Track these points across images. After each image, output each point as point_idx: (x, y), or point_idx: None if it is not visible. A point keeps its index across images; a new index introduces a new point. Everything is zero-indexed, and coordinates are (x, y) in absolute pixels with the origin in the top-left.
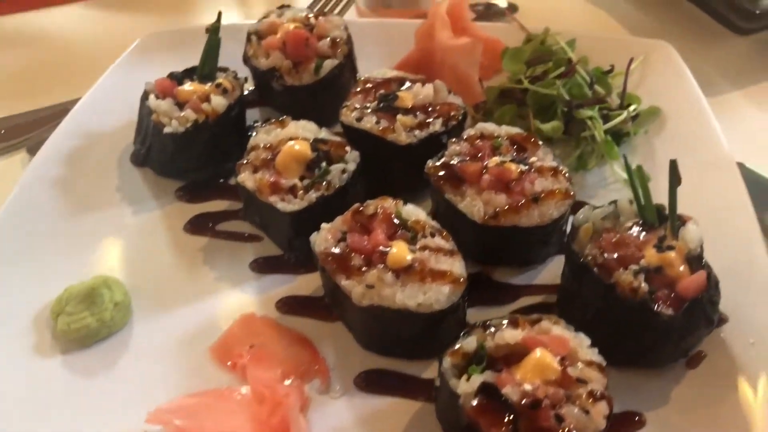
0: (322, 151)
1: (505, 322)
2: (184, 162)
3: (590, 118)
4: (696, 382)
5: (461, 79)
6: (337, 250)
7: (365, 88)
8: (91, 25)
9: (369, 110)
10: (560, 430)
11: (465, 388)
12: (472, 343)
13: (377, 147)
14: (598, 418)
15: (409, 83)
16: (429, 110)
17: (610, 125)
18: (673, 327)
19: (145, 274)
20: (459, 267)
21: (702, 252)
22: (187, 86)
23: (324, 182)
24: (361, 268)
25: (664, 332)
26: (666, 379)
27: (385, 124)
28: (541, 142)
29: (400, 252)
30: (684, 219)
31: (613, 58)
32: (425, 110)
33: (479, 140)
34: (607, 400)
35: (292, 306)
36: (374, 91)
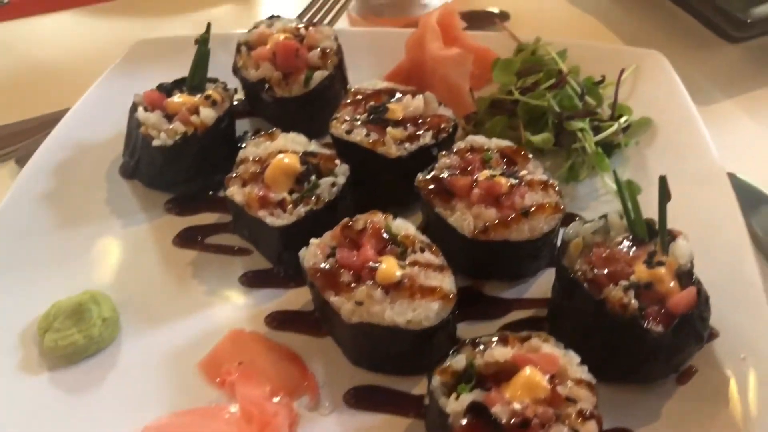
0: (311, 165)
1: (494, 339)
2: (173, 174)
3: (581, 129)
4: (687, 398)
5: (452, 89)
6: (326, 266)
7: (355, 100)
8: (80, 33)
9: (359, 122)
10: None
11: (454, 407)
12: (461, 361)
13: (367, 159)
14: None
15: (399, 95)
16: (419, 122)
17: (600, 137)
18: (662, 344)
19: (134, 289)
20: (449, 283)
21: (692, 267)
22: (176, 98)
23: (313, 196)
24: (351, 285)
25: (653, 349)
26: (656, 395)
27: (375, 136)
28: (531, 155)
29: (390, 268)
30: (674, 234)
31: (605, 67)
32: (415, 122)
33: (469, 153)
34: (596, 419)
35: (282, 321)
36: (364, 103)
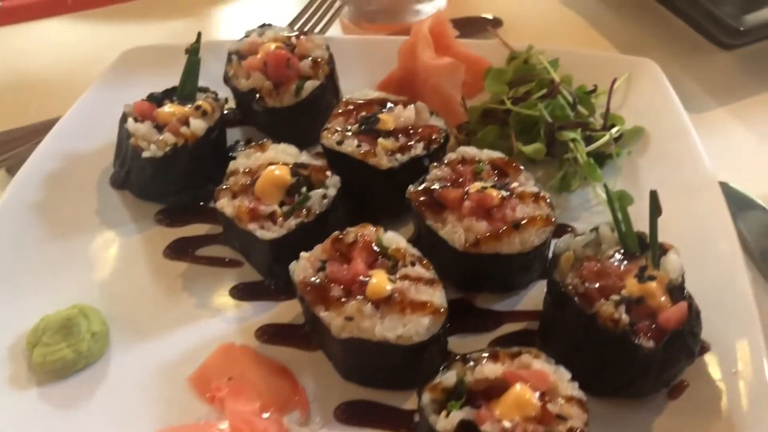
0: (302, 176)
1: (485, 355)
2: (163, 185)
3: (573, 140)
4: (678, 413)
5: (444, 99)
6: (316, 280)
7: (347, 110)
8: (70, 41)
9: (350, 133)
10: None
11: (444, 424)
12: (451, 378)
13: (358, 171)
14: None
15: (390, 105)
16: (410, 133)
17: (592, 147)
18: (653, 359)
19: (124, 302)
20: (439, 297)
21: (683, 282)
22: (167, 108)
23: (304, 209)
24: (341, 299)
25: (644, 364)
26: (648, 410)
27: (366, 147)
28: (522, 167)
29: (380, 282)
30: (665, 247)
31: (597, 75)
32: (407, 133)
33: (460, 165)
34: None
35: (272, 334)
36: (356, 113)
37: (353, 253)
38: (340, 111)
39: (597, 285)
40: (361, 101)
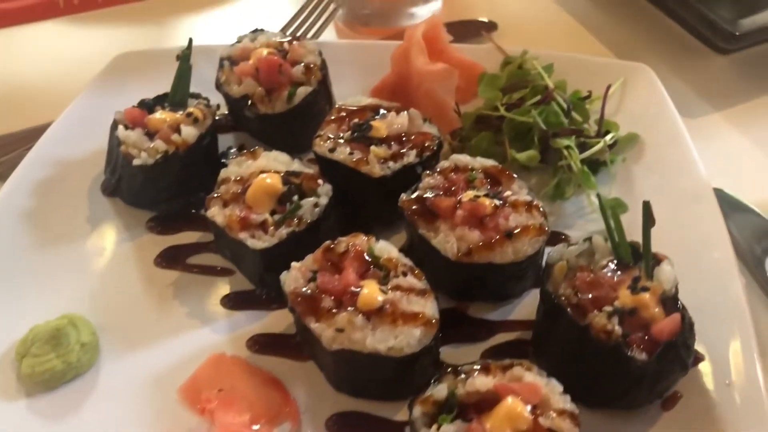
0: (293, 185)
1: (476, 368)
2: (154, 193)
3: (567, 147)
4: (672, 424)
5: (437, 105)
6: (307, 291)
7: (339, 117)
8: (61, 45)
9: (342, 140)
10: None
11: None
12: (442, 391)
13: (351, 178)
14: None
15: (383, 111)
16: (403, 140)
17: (586, 155)
18: (646, 371)
19: (114, 311)
20: (431, 308)
21: (677, 293)
22: (158, 115)
23: (295, 217)
24: (332, 310)
25: (637, 376)
26: (641, 422)
27: (358, 155)
28: (515, 175)
29: (371, 294)
30: (659, 258)
31: (592, 80)
32: (399, 140)
33: (453, 173)
34: None
35: (263, 344)
36: (348, 120)
37: (344, 263)
38: (332, 118)
39: (590, 296)
40: (354, 108)
